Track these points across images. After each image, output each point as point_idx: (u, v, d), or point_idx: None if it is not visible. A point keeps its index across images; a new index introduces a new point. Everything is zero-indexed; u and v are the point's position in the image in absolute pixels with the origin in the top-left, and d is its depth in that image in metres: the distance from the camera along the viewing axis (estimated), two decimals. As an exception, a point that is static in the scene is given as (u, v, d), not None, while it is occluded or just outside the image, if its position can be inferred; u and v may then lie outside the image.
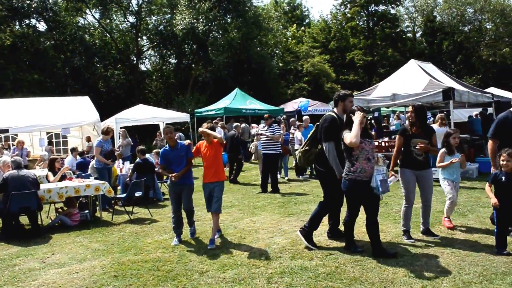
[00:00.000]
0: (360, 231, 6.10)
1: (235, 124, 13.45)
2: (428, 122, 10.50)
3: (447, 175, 6.44)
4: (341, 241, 5.88)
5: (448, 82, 12.43)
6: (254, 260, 5.41)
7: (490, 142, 6.12)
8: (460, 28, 40.92)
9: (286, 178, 12.33)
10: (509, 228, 5.55)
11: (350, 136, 5.12)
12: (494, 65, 38.93)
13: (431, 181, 6.06)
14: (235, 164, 12.63)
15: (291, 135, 12.96)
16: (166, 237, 6.78)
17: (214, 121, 16.41)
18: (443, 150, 6.44)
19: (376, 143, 12.11)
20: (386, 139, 13.49)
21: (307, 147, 6.14)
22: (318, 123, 6.00)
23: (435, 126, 10.07)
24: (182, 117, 18.83)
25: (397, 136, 6.15)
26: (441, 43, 40.92)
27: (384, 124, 19.15)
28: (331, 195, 5.83)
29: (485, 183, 9.55)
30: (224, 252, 5.84)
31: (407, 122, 6.35)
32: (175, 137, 6.59)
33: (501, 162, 5.30)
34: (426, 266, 4.94)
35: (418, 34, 45.05)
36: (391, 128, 19.20)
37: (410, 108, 5.98)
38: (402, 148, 5.96)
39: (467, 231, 6.25)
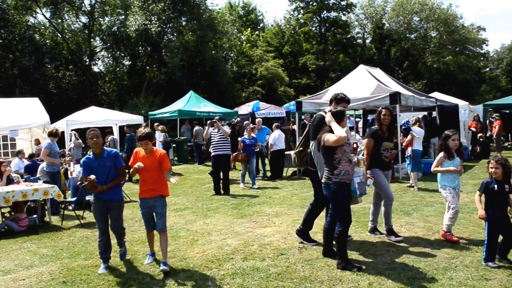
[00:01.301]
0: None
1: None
2: (408, 125, 10.86)
3: (448, 182, 5.85)
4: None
5: (394, 87, 12.98)
6: (206, 262, 5.44)
7: None
8: (407, 35, 42.81)
9: (255, 187, 11.24)
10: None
11: (336, 134, 4.87)
12: (438, 71, 40.99)
13: (388, 181, 6.29)
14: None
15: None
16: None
17: (155, 124, 16.30)
18: (442, 154, 5.88)
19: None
20: None
21: (301, 148, 6.13)
22: (309, 123, 5.96)
23: (417, 128, 10.35)
24: (136, 119, 18.52)
25: (367, 138, 6.12)
26: (389, 49, 42.60)
27: None
28: (322, 195, 5.72)
29: (429, 183, 10.20)
30: (176, 255, 5.83)
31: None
32: (105, 142, 5.59)
33: (490, 170, 5.07)
34: (372, 263, 5.14)
35: (367, 41, 46.67)
36: None
37: (384, 111, 6.07)
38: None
39: (411, 229, 6.54)
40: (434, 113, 14.94)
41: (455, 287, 4.41)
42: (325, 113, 5.63)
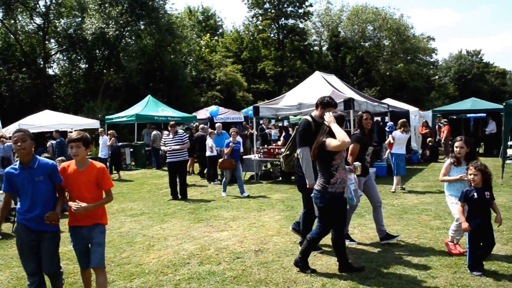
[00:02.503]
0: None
1: (201, 126, 13.55)
2: (393, 128, 11.05)
3: (455, 191, 5.48)
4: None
5: (349, 93, 13.36)
6: (162, 268, 5.41)
7: None
8: (362, 43, 44.17)
9: (245, 195, 10.52)
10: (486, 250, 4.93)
11: (339, 139, 4.57)
12: (390, 78, 42.59)
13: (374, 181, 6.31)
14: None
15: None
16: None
17: (100, 130, 15.88)
18: (448, 161, 5.56)
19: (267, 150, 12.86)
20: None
21: (287, 152, 6.05)
22: (297, 126, 5.77)
23: (397, 133, 10.40)
24: (92, 123, 18.14)
25: (353, 144, 5.77)
26: (345, 57, 43.81)
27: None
28: (309, 200, 5.47)
29: (383, 186, 10.51)
30: (132, 260, 5.75)
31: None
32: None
33: (469, 177, 4.89)
34: (326, 265, 5.26)
35: (324, 48, 47.74)
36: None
37: (366, 115, 5.98)
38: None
39: (363, 231, 6.76)
40: (387, 119, 15.47)
41: (404, 285, 4.58)
42: (311, 117, 5.52)
